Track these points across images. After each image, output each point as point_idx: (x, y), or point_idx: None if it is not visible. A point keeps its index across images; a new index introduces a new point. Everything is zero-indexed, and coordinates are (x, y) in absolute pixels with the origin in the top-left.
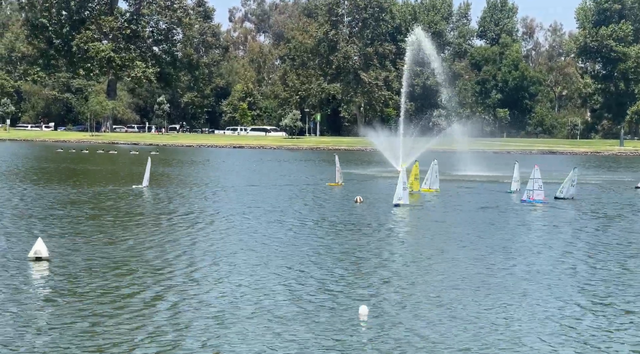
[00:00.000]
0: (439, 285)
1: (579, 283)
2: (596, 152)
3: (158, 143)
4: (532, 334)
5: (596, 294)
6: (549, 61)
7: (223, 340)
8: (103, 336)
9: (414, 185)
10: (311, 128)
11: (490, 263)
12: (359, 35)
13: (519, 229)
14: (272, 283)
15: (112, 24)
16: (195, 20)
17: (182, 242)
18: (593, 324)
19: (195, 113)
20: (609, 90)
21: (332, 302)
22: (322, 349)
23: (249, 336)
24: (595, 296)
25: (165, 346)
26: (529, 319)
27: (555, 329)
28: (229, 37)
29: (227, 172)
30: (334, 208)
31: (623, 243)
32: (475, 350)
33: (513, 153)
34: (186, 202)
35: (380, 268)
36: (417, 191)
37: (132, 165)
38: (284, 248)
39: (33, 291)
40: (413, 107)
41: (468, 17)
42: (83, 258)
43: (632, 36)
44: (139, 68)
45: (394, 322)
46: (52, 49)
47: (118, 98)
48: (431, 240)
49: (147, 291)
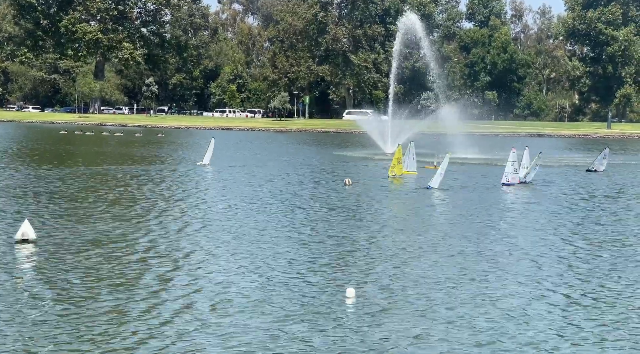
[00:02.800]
0: (427, 268)
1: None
2: (584, 135)
3: (146, 125)
4: (526, 318)
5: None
6: (537, 44)
7: (208, 325)
8: (89, 323)
9: (397, 169)
10: (300, 111)
11: (478, 245)
12: (348, 17)
13: (494, 209)
14: (259, 266)
15: (99, 5)
16: (184, 2)
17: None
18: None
19: (183, 95)
20: (597, 73)
21: (320, 285)
22: (309, 331)
23: (232, 319)
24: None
25: (152, 329)
26: (522, 301)
27: (551, 318)
28: (218, 19)
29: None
30: (323, 191)
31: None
32: (465, 337)
33: (501, 136)
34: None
35: (370, 250)
36: (400, 175)
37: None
38: (268, 229)
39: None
40: (402, 89)
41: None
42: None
43: (620, 19)
44: (126, 49)
45: (381, 305)
46: (40, 29)
47: (106, 80)
48: (423, 224)
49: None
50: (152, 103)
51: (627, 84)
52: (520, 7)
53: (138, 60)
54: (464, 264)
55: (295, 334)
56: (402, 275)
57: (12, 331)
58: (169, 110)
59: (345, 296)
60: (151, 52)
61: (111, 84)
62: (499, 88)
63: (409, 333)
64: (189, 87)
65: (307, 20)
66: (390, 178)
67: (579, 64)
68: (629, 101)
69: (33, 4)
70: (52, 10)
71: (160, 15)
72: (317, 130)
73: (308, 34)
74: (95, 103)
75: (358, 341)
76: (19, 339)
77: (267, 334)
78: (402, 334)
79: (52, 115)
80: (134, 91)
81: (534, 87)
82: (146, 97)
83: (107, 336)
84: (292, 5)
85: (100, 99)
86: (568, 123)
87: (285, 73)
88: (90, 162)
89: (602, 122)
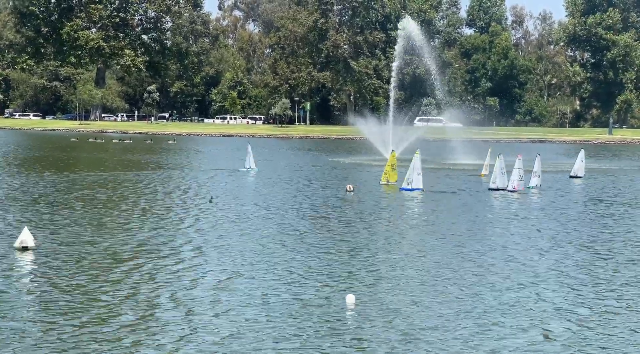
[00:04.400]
0: (430, 273)
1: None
2: (585, 141)
3: (147, 132)
4: (525, 317)
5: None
6: (538, 50)
7: (209, 328)
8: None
9: (390, 176)
10: (301, 117)
11: (477, 247)
12: (349, 24)
13: (487, 214)
14: (262, 272)
15: (101, 12)
16: (185, 9)
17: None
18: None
19: (184, 102)
20: (598, 79)
21: (321, 291)
22: (309, 337)
23: (235, 324)
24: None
25: (154, 332)
26: (524, 302)
27: (557, 319)
28: (219, 26)
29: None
30: (324, 197)
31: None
32: (466, 339)
33: (502, 142)
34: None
35: (372, 256)
36: (394, 182)
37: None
38: (276, 236)
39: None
40: (403, 95)
41: (457, 6)
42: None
43: (620, 24)
44: (128, 56)
45: (382, 310)
46: (41, 37)
47: (107, 87)
48: (425, 229)
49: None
50: (153, 110)
51: (627, 90)
52: (521, 13)
53: (139, 67)
54: (473, 267)
55: (294, 341)
56: (404, 281)
57: (8, 339)
58: (170, 117)
59: (346, 302)
60: (152, 59)
61: (112, 91)
62: (500, 95)
63: (411, 337)
64: (189, 94)
65: (308, 26)
66: (383, 185)
67: (579, 70)
68: (629, 107)
69: (34, 12)
70: (54, 17)
71: (161, 22)
72: (318, 137)
73: (309, 40)
74: (96, 111)
75: (356, 346)
76: (18, 348)
77: (266, 338)
78: (403, 338)
79: (53, 122)
80: (135, 98)
81: (535, 93)
82: (147, 104)
83: (105, 344)
84: (292, 12)
85: (101, 106)
86: (569, 129)
87: (286, 80)
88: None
89: (603, 128)
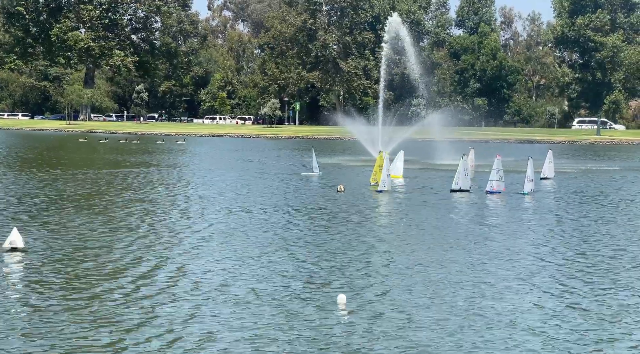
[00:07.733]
0: (420, 273)
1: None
2: (573, 141)
3: (137, 132)
4: (520, 321)
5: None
6: (527, 50)
7: (204, 327)
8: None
9: (378, 176)
10: (290, 117)
11: (469, 249)
12: (338, 24)
13: (476, 215)
14: (253, 272)
15: (90, 13)
16: (174, 9)
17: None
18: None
19: (174, 102)
20: (586, 80)
21: (311, 291)
22: (299, 337)
23: (227, 323)
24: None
25: (151, 334)
26: (515, 304)
27: (550, 318)
28: (208, 26)
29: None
30: (315, 197)
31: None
32: (457, 340)
33: (491, 142)
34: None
35: (363, 256)
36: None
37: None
38: (266, 237)
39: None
40: (392, 96)
41: (446, 6)
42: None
43: (608, 25)
44: (117, 56)
45: (373, 310)
46: (29, 37)
47: (96, 87)
48: (414, 228)
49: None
50: (142, 110)
51: (616, 90)
52: (510, 14)
53: (129, 67)
54: (464, 268)
55: (283, 341)
56: (395, 281)
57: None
58: (159, 117)
59: (337, 302)
60: (141, 59)
61: (101, 91)
62: (488, 95)
63: (402, 339)
64: (179, 94)
65: (297, 27)
66: (372, 186)
67: (568, 71)
68: (618, 107)
69: (22, 12)
70: (42, 17)
71: (150, 22)
72: (307, 137)
73: (298, 40)
74: (85, 111)
75: (345, 347)
76: (6, 348)
77: (258, 337)
78: (393, 341)
79: (42, 122)
80: (124, 98)
81: (524, 93)
82: (136, 104)
83: (95, 344)
84: (281, 12)
85: (90, 106)
86: (557, 129)
87: (275, 80)
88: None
89: (591, 128)
